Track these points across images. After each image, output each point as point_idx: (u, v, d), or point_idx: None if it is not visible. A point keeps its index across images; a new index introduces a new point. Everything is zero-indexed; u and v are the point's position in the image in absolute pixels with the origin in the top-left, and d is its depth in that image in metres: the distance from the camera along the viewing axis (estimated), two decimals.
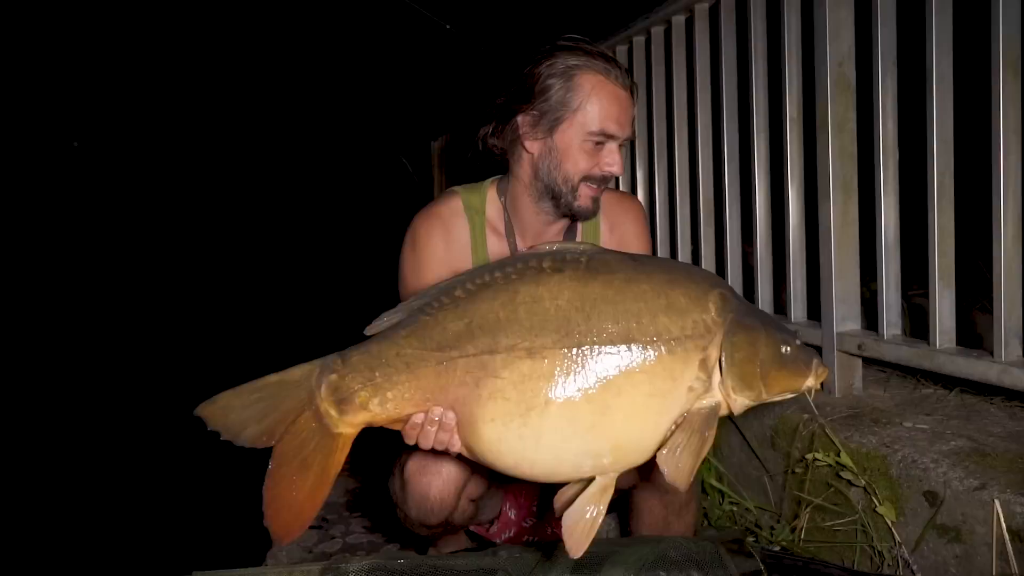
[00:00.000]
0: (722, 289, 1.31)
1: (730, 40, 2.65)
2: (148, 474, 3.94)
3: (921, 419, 1.93)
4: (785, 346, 1.30)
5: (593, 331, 1.23)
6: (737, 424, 2.26)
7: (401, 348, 1.30)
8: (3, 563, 3.12)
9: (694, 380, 1.23)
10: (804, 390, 1.33)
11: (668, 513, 1.77)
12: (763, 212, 2.54)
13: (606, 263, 1.30)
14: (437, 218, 1.84)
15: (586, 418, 1.21)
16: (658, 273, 1.29)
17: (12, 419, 5.33)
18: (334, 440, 1.35)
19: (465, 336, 1.27)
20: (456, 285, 1.31)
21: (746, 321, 1.29)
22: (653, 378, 1.22)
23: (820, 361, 1.34)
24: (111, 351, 7.58)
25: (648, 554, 1.52)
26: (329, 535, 2.43)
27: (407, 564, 1.54)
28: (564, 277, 1.27)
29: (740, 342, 1.26)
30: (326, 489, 1.35)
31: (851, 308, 2.17)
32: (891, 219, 2.04)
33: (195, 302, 10.23)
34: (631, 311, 1.24)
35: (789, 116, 2.33)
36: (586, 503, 1.24)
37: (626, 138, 1.72)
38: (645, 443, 1.24)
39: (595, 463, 1.24)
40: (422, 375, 1.29)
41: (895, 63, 2.01)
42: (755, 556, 1.52)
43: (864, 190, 2.16)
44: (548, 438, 1.23)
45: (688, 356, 1.23)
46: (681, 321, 1.24)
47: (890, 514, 1.73)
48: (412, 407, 1.31)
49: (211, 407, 1.34)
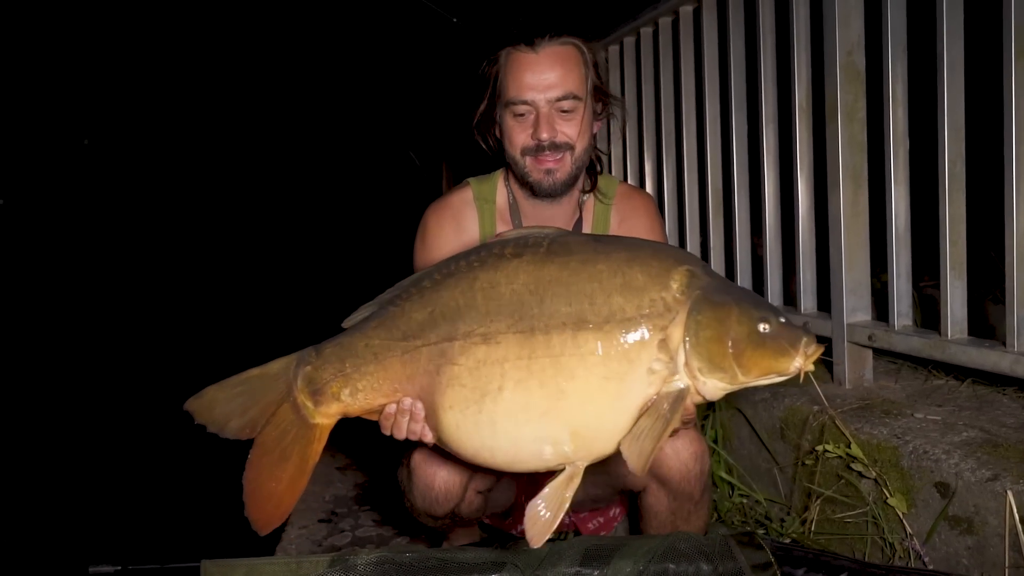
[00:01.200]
0: (690, 266, 1.24)
1: (738, 29, 2.63)
2: (159, 464, 3.98)
3: (933, 410, 1.92)
4: (763, 323, 1.20)
5: (546, 314, 1.21)
6: (746, 416, 2.25)
7: (370, 339, 1.33)
8: (13, 550, 3.16)
9: (654, 362, 1.18)
10: (792, 373, 1.21)
11: (677, 518, 1.74)
12: (772, 202, 2.52)
13: (566, 245, 1.27)
14: (448, 208, 1.85)
15: (540, 403, 1.20)
16: (618, 252, 1.25)
17: (23, 409, 5.40)
18: (311, 431, 1.36)
19: (428, 325, 1.28)
20: (425, 276, 1.33)
21: (715, 298, 1.21)
22: (607, 361, 1.18)
23: (811, 339, 1.22)
24: (123, 344, 7.64)
25: (657, 546, 1.51)
26: (338, 528, 2.43)
27: (415, 557, 1.54)
28: (522, 262, 1.26)
29: (706, 320, 1.19)
30: (304, 479, 1.37)
31: (861, 299, 2.15)
32: (902, 208, 2.02)
33: (204, 295, 10.29)
34: (584, 292, 1.21)
35: (798, 105, 2.32)
36: (550, 493, 1.22)
37: (553, 99, 1.64)
38: (606, 429, 1.20)
39: (556, 450, 1.22)
40: (389, 365, 1.31)
41: (905, 50, 1.99)
42: (765, 548, 1.51)
43: (874, 179, 2.14)
44: (503, 424, 1.22)
45: (645, 337, 1.18)
46: (637, 300, 1.20)
47: (901, 506, 1.71)
48: (383, 397, 1.33)
49: (198, 401, 1.37)
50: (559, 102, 1.65)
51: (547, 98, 1.64)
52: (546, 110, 1.65)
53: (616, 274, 1.21)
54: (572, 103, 1.65)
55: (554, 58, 1.64)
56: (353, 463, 2.94)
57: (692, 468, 1.63)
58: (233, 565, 1.54)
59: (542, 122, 1.65)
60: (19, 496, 3.77)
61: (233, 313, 8.65)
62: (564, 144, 1.67)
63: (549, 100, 1.64)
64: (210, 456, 1.52)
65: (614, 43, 3.45)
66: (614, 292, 1.20)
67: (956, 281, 1.87)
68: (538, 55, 1.64)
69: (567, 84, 1.64)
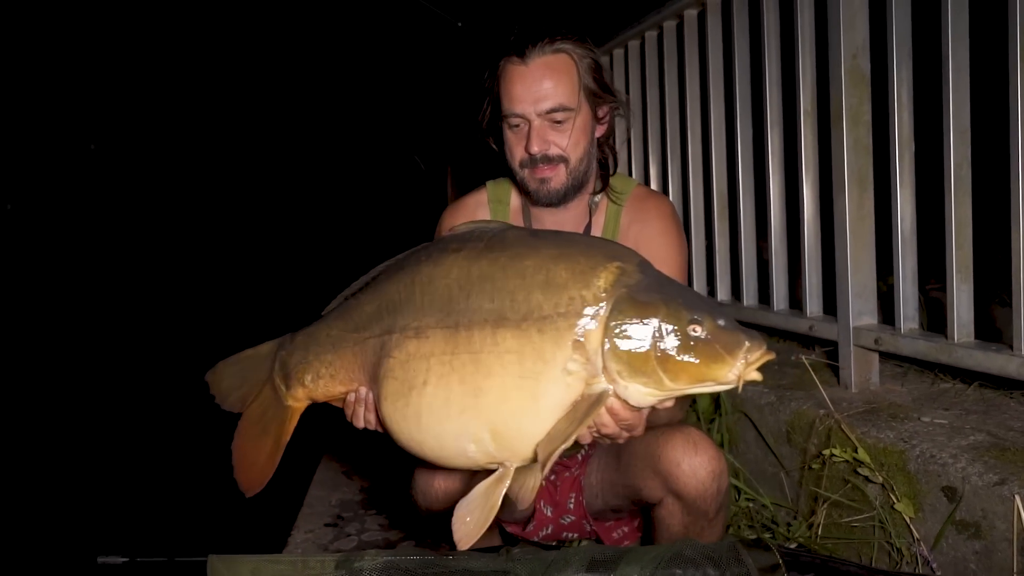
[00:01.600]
0: (623, 263, 1.18)
1: (743, 33, 2.63)
2: (168, 459, 4.05)
3: (939, 414, 1.91)
4: (695, 326, 1.11)
5: (471, 310, 1.20)
6: (752, 419, 2.25)
7: (330, 329, 1.40)
8: (24, 541, 3.22)
9: (569, 362, 1.14)
10: (730, 382, 1.11)
11: (689, 533, 1.69)
12: (778, 206, 2.52)
13: (503, 240, 1.26)
14: (462, 209, 1.87)
15: (459, 399, 1.19)
16: (548, 248, 1.22)
17: (35, 404, 5.51)
18: (285, 411, 1.47)
19: (375, 317, 1.32)
20: (383, 268, 1.37)
21: (641, 297, 1.14)
22: (523, 359, 1.16)
23: (755, 345, 1.11)
24: (136, 341, 7.80)
25: (664, 552, 1.50)
26: (344, 532, 2.43)
27: (420, 561, 1.53)
28: (459, 257, 1.26)
29: (627, 320, 1.12)
30: (279, 454, 1.48)
31: (867, 302, 2.15)
32: (907, 212, 2.01)
33: (212, 296, 10.42)
34: (507, 288, 1.19)
35: (803, 109, 2.31)
36: (476, 495, 1.22)
37: (543, 112, 1.62)
38: (525, 429, 1.17)
39: (479, 448, 1.21)
40: (344, 355, 1.37)
41: (910, 53, 1.99)
42: (772, 550, 1.50)
43: (879, 183, 2.13)
44: (426, 419, 1.22)
45: (560, 336, 1.14)
46: (555, 298, 1.16)
47: (908, 510, 1.71)
48: (341, 385, 1.39)
49: (212, 374, 1.54)
50: (550, 114, 1.63)
51: (537, 111, 1.63)
52: (538, 123, 1.64)
53: (540, 270, 1.19)
54: (564, 114, 1.63)
55: (544, 69, 1.62)
56: (359, 467, 2.94)
57: (709, 487, 1.60)
58: (240, 561, 1.54)
59: (533, 135, 1.64)
60: (30, 488, 3.85)
61: (241, 313, 8.77)
62: (557, 156, 1.66)
63: (540, 112, 1.63)
64: (219, 453, 1.57)
65: (618, 47, 3.45)
66: (535, 289, 1.17)
67: (962, 284, 1.86)
68: (528, 67, 1.63)
69: (557, 96, 1.62)
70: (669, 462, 1.61)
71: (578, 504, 1.94)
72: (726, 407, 2.35)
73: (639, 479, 1.70)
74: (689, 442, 1.61)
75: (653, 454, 1.64)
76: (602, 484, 1.87)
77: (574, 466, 1.93)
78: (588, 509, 1.92)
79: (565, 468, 1.94)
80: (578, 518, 1.95)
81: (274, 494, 1.63)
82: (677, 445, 1.61)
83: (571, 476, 1.93)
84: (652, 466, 1.65)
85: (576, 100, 1.64)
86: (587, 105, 1.68)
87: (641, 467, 1.69)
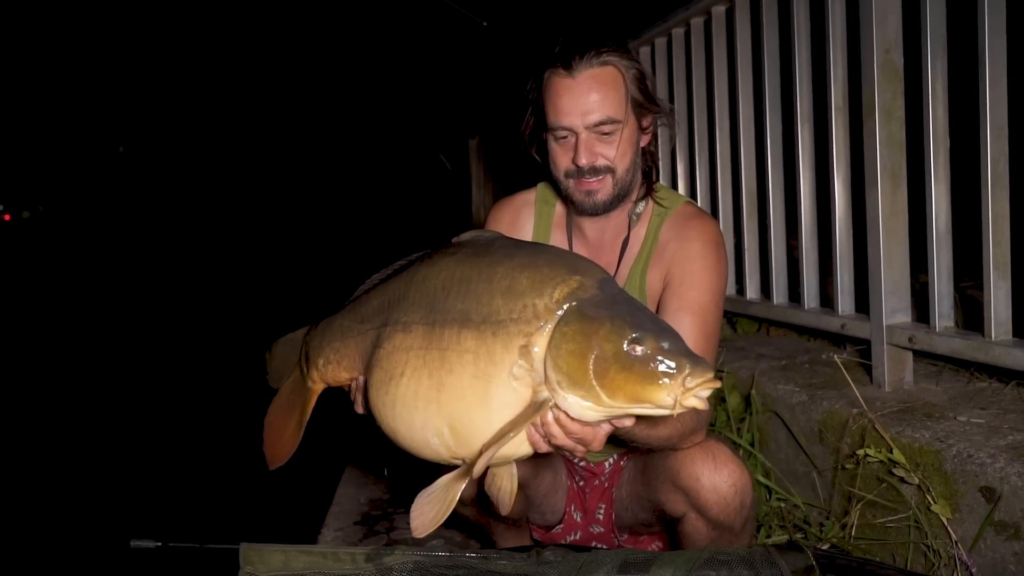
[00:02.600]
0: (584, 277, 1.19)
1: (772, 29, 2.61)
2: (202, 453, 4.14)
3: (976, 413, 1.88)
4: (636, 346, 1.10)
5: (447, 309, 1.25)
6: (783, 419, 2.22)
7: (342, 320, 1.49)
8: (61, 524, 3.33)
9: (515, 367, 1.16)
10: (666, 406, 1.09)
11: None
12: (808, 203, 2.49)
13: (489, 246, 1.32)
14: (507, 207, 1.90)
15: (426, 393, 1.24)
16: (521, 257, 1.25)
17: (74, 393, 5.66)
18: (307, 391, 1.58)
19: (377, 310, 1.40)
20: (396, 266, 1.45)
21: (589, 311, 1.14)
22: (478, 360, 1.19)
23: (696, 371, 1.08)
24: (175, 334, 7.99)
25: (697, 556, 1.49)
26: (373, 531, 2.44)
27: (449, 560, 1.53)
28: (450, 260, 1.32)
29: (571, 332, 1.13)
30: (299, 432, 1.58)
31: (901, 300, 2.12)
32: (942, 207, 1.98)
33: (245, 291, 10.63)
34: (475, 292, 1.24)
35: (835, 104, 2.29)
36: (437, 487, 1.24)
37: (591, 124, 1.61)
38: (477, 427, 1.20)
39: (441, 441, 1.24)
40: (348, 343, 1.46)
41: (945, 47, 1.96)
42: (806, 552, 1.49)
43: (913, 178, 2.10)
44: (399, 408, 1.27)
45: (509, 340, 1.17)
46: (511, 304, 1.19)
47: (945, 511, 1.68)
48: (345, 372, 1.48)
49: (268, 353, 1.71)
50: (598, 126, 1.62)
51: (585, 123, 1.61)
52: (585, 135, 1.62)
53: (506, 277, 1.22)
54: (611, 126, 1.62)
55: (592, 82, 1.61)
56: (388, 465, 2.95)
57: (732, 502, 1.58)
58: (271, 550, 1.55)
59: (581, 148, 1.63)
60: (67, 473, 3.98)
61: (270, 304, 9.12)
62: (604, 167, 1.65)
63: (588, 125, 1.62)
64: (251, 448, 1.62)
65: (644, 45, 3.43)
66: (497, 294, 1.21)
67: (1000, 281, 1.83)
68: (575, 80, 1.61)
69: (605, 108, 1.61)
70: (689, 477, 1.59)
71: (607, 516, 1.93)
72: (756, 406, 2.33)
73: (661, 493, 1.68)
74: (708, 456, 1.59)
75: (673, 468, 1.62)
76: (631, 497, 1.86)
77: (601, 473, 1.92)
78: (618, 522, 1.91)
79: (593, 475, 1.93)
80: (607, 530, 1.94)
81: (303, 493, 1.67)
82: (697, 459, 1.59)
83: (600, 485, 1.92)
84: (673, 481, 1.63)
85: (624, 112, 1.62)
86: (633, 116, 1.66)
87: (663, 481, 1.67)
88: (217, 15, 12.10)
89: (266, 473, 1.64)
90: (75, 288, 12.69)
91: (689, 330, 1.61)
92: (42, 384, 6.05)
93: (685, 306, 1.64)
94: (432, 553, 1.54)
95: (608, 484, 1.91)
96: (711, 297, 1.67)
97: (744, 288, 2.87)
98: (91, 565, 2.90)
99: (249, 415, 1.68)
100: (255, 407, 1.72)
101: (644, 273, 1.75)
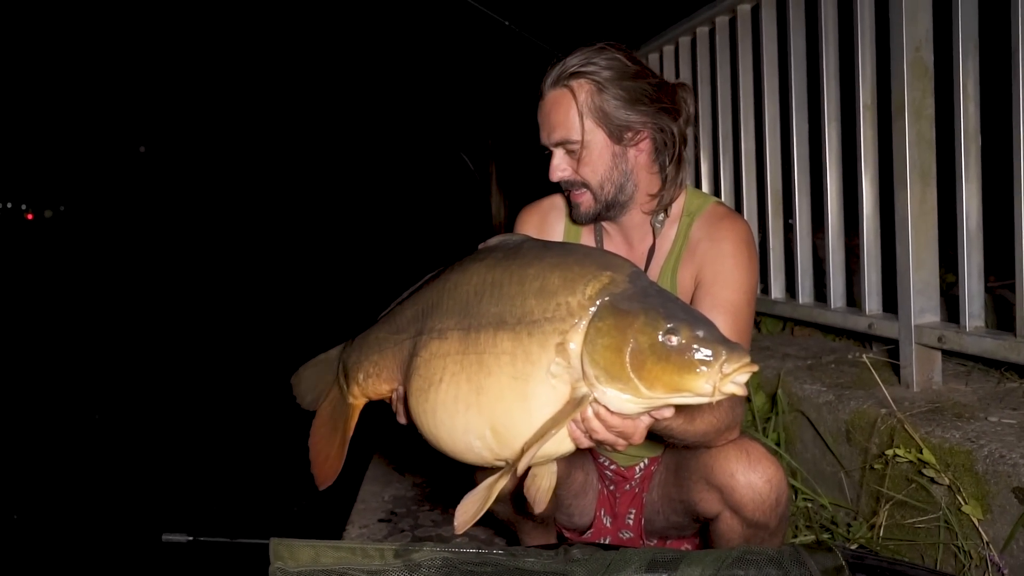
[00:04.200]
0: (614, 272, 1.21)
1: (799, 27, 2.60)
2: (233, 449, 4.19)
3: (1007, 413, 1.86)
4: (671, 336, 1.11)
5: (481, 314, 1.26)
6: (810, 418, 2.21)
7: (378, 332, 1.51)
8: (93, 517, 3.39)
9: (553, 365, 1.18)
10: (705, 393, 1.10)
11: (751, 545, 1.69)
12: (835, 202, 2.48)
13: (519, 251, 1.32)
14: (536, 210, 1.92)
15: (466, 397, 1.25)
16: (551, 257, 1.27)
17: (109, 388, 5.75)
18: (348, 409, 1.59)
19: (412, 320, 1.41)
20: (428, 278, 1.45)
21: (622, 305, 1.16)
22: (515, 360, 1.20)
23: (733, 357, 1.10)
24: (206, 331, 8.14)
25: (726, 556, 1.48)
26: (398, 528, 2.45)
27: (477, 556, 1.54)
28: (481, 265, 1.33)
29: (606, 327, 1.15)
30: (345, 448, 1.60)
31: (930, 300, 2.10)
32: (973, 207, 1.97)
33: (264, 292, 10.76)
34: (509, 294, 1.25)
35: (863, 103, 2.27)
36: (479, 487, 1.27)
37: (553, 143, 1.66)
38: (518, 427, 1.21)
39: (483, 444, 1.26)
40: (386, 355, 1.47)
41: (977, 45, 1.94)
42: (835, 551, 1.48)
43: (942, 177, 2.09)
44: (440, 414, 1.29)
45: (545, 339, 1.18)
46: (545, 303, 1.20)
47: (976, 512, 1.67)
48: (386, 384, 1.49)
49: (295, 376, 1.70)
50: (560, 145, 1.67)
51: (550, 142, 1.68)
52: (557, 152, 1.69)
53: (538, 278, 1.24)
54: (572, 145, 1.66)
55: (551, 104, 1.67)
56: (411, 464, 2.96)
57: (768, 499, 1.57)
58: (301, 545, 1.56)
59: (552, 164, 1.70)
60: (101, 466, 4.03)
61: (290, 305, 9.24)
62: (578, 182, 1.69)
63: (552, 144, 1.68)
64: (280, 445, 1.66)
65: (668, 44, 3.43)
66: (531, 295, 1.23)
67: None
68: (544, 101, 1.68)
69: (560, 131, 1.66)
70: (723, 474, 1.58)
71: (637, 521, 1.92)
72: (782, 406, 2.32)
73: (695, 492, 1.68)
74: (743, 453, 1.58)
75: (707, 466, 1.62)
76: (663, 500, 1.85)
77: (632, 478, 1.92)
78: (647, 527, 1.91)
79: (624, 479, 1.92)
80: (636, 536, 1.93)
81: (328, 491, 1.69)
82: (731, 457, 1.58)
83: (631, 490, 1.92)
84: (706, 479, 1.62)
85: (578, 131, 1.65)
86: (602, 131, 1.65)
87: (696, 480, 1.66)
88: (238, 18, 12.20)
89: (291, 470, 1.67)
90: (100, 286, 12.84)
91: (722, 329, 1.60)
92: (72, 381, 6.13)
93: (718, 305, 1.64)
94: (460, 550, 1.55)
95: (639, 489, 1.91)
96: (743, 296, 1.67)
97: (769, 287, 2.86)
98: (123, 558, 2.94)
99: (279, 413, 1.70)
100: (285, 405, 1.74)
101: (675, 272, 1.75)
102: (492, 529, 2.31)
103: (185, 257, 14.64)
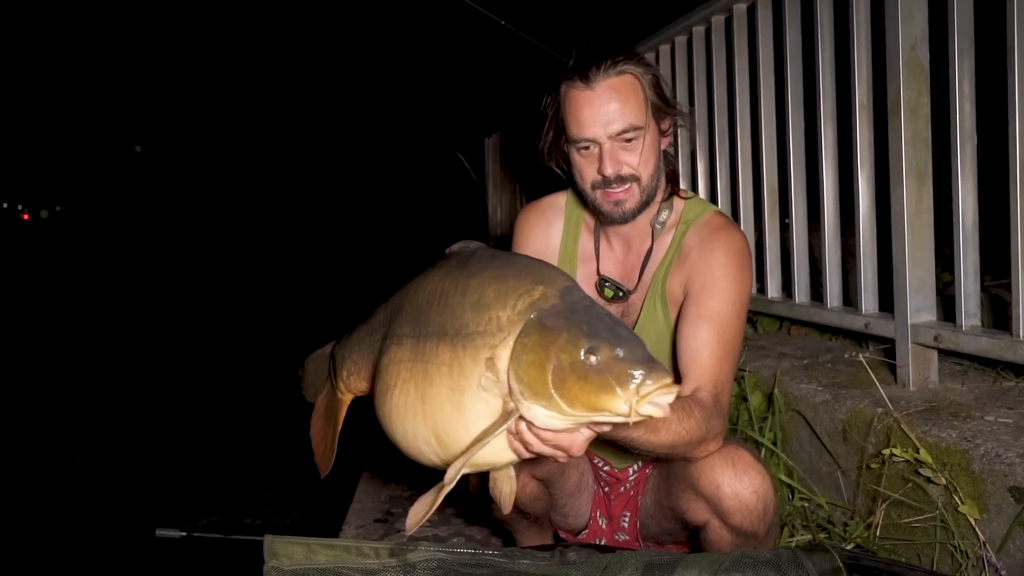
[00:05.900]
0: (546, 287, 1.20)
1: (795, 26, 2.59)
2: (228, 447, 4.21)
3: (1004, 412, 1.86)
4: (591, 355, 1.10)
5: (429, 323, 1.29)
6: (806, 418, 2.21)
7: (359, 332, 1.56)
8: (86, 513, 3.41)
9: (483, 379, 1.18)
10: (622, 414, 1.09)
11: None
12: (831, 201, 2.48)
13: (469, 260, 1.34)
14: (536, 211, 1.91)
15: (413, 403, 1.27)
16: (493, 270, 1.27)
17: (103, 385, 5.80)
18: (338, 402, 1.65)
19: (382, 323, 1.46)
20: (409, 280, 1.47)
21: (548, 322, 1.15)
22: (452, 372, 1.22)
23: (652, 378, 1.08)
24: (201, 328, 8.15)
25: (723, 559, 1.48)
26: (394, 528, 2.45)
27: (472, 557, 1.53)
28: (438, 273, 1.36)
29: (531, 343, 1.14)
30: (335, 440, 1.69)
31: (926, 299, 2.10)
32: (969, 205, 1.96)
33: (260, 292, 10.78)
34: (452, 305, 1.27)
35: (858, 102, 2.27)
36: (431, 492, 1.30)
37: (613, 134, 1.61)
38: (458, 436, 1.23)
39: (431, 449, 1.28)
40: (364, 354, 1.52)
41: (972, 43, 1.94)
42: (832, 553, 1.47)
43: (938, 176, 2.08)
44: (394, 418, 1.32)
45: (477, 353, 1.19)
46: (479, 317, 1.21)
47: (973, 512, 1.66)
48: (365, 382, 1.54)
49: (301, 370, 1.80)
50: (620, 135, 1.62)
51: (608, 133, 1.61)
52: (608, 145, 1.62)
53: (477, 290, 1.24)
54: (634, 133, 1.62)
55: (610, 92, 1.61)
56: (408, 464, 2.96)
57: (754, 509, 1.56)
58: (295, 542, 1.56)
59: (606, 158, 1.63)
60: (93, 464, 4.07)
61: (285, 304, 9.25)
62: (629, 176, 1.65)
63: (610, 135, 1.62)
64: (275, 443, 1.68)
65: (664, 43, 3.42)
66: (468, 307, 1.24)
67: None
68: (594, 91, 1.61)
69: (626, 117, 1.61)
70: (710, 484, 1.57)
71: (632, 524, 1.92)
72: (779, 405, 2.32)
73: (683, 501, 1.67)
74: (728, 463, 1.56)
75: (693, 476, 1.60)
76: (655, 505, 1.85)
77: (626, 480, 1.91)
78: (643, 531, 1.90)
79: (618, 481, 1.92)
80: (632, 538, 1.93)
81: (324, 490, 1.70)
82: (716, 467, 1.57)
83: (626, 492, 1.92)
84: (693, 488, 1.61)
85: (644, 118, 1.63)
86: (653, 121, 1.66)
87: (683, 489, 1.65)
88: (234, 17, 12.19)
89: (287, 467, 1.71)
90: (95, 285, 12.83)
91: (706, 339, 1.59)
92: (67, 379, 6.14)
93: (703, 315, 1.62)
94: (456, 551, 1.54)
95: (634, 492, 1.90)
96: (731, 308, 1.64)
97: (765, 287, 2.86)
98: (116, 554, 2.94)
99: (274, 410, 1.73)
100: (279, 402, 1.78)
101: (665, 280, 1.74)
102: (489, 529, 2.31)
103: (181, 256, 14.64)
